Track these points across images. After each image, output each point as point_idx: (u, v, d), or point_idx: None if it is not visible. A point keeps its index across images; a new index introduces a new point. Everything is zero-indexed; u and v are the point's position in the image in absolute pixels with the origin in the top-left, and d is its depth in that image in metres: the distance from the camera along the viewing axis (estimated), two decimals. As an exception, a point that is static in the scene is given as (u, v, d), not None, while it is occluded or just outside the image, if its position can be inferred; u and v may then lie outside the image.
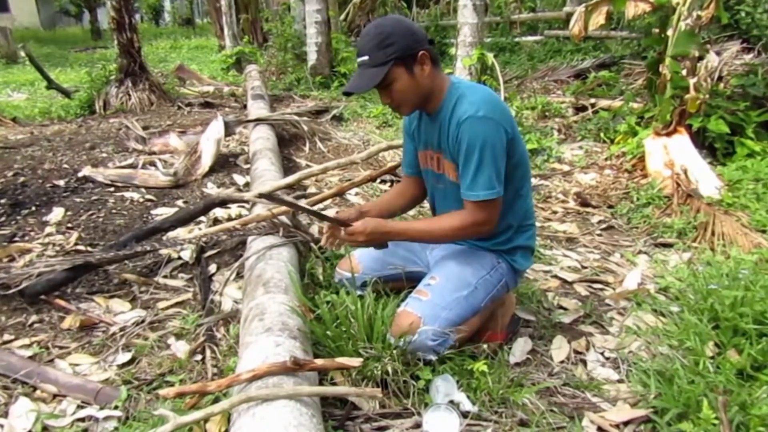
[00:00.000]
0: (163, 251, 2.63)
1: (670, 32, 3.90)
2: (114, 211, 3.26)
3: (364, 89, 1.71)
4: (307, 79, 7.67)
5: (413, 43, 1.66)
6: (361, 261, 2.06)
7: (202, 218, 3.03)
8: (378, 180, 3.68)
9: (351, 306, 1.75)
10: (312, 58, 7.70)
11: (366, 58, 1.66)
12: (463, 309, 1.76)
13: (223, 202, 2.89)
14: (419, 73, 1.69)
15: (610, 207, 3.54)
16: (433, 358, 1.74)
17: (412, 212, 3.32)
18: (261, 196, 2.05)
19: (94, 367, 1.92)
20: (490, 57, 4.77)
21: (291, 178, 2.84)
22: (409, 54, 1.66)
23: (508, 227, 1.89)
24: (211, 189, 3.69)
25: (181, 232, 2.84)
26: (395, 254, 2.02)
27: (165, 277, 2.54)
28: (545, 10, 11.30)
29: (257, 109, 5.30)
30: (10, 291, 2.18)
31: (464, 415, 1.62)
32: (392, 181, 3.74)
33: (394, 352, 1.68)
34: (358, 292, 1.90)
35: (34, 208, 3.22)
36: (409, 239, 1.87)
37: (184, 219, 2.78)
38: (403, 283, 1.93)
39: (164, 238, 2.69)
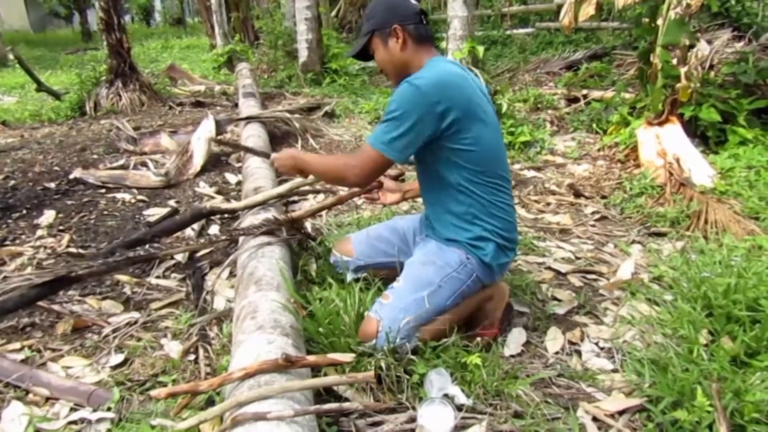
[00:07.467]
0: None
1: (660, 21, 3.89)
2: (106, 212, 3.24)
3: (350, 55, 1.93)
4: (298, 76, 7.63)
5: (390, 18, 1.77)
6: (355, 247, 2.10)
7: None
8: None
9: (339, 303, 1.75)
10: (303, 55, 7.66)
11: (362, 27, 1.85)
12: (423, 309, 1.74)
13: (211, 213, 2.85)
14: (393, 46, 1.79)
15: (604, 197, 3.54)
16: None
17: (405, 206, 3.31)
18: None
19: (87, 369, 1.90)
20: (481, 50, 4.75)
21: (282, 188, 2.80)
22: (385, 27, 1.77)
23: (470, 215, 1.81)
24: (203, 188, 3.68)
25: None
26: (389, 243, 2.07)
27: (158, 277, 2.53)
28: (536, 2, 11.28)
29: (248, 107, 5.27)
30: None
31: (459, 408, 1.61)
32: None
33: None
34: (350, 276, 1.98)
35: (24, 211, 3.20)
36: (310, 168, 1.93)
37: (170, 230, 2.74)
38: (395, 272, 1.93)
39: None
